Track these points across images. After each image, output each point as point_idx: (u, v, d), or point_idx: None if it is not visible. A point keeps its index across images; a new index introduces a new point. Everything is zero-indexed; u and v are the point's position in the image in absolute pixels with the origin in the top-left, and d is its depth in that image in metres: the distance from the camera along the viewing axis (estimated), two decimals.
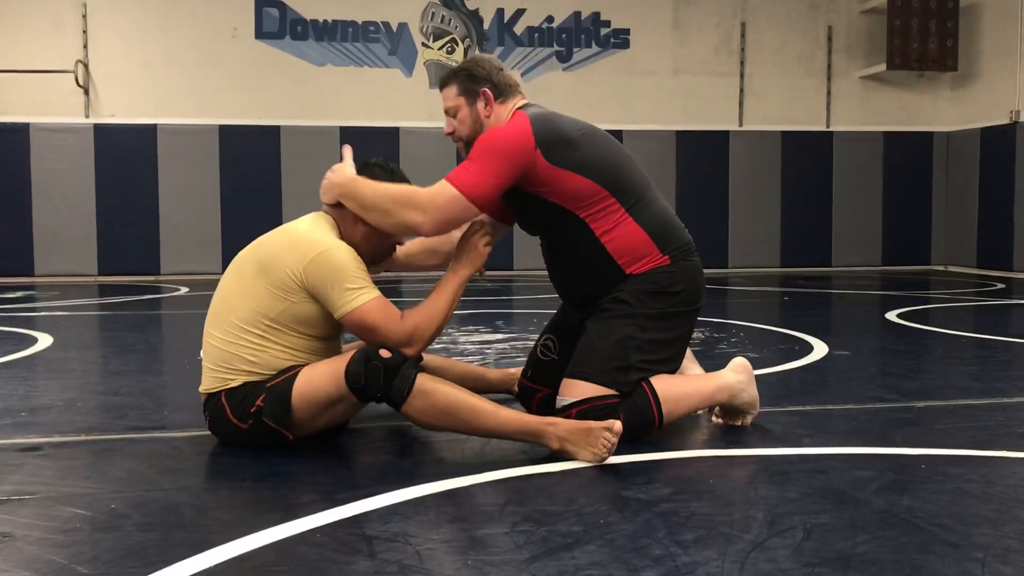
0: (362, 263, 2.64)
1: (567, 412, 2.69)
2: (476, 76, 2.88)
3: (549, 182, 2.74)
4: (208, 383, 2.68)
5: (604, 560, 1.82)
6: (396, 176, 2.79)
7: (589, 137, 2.82)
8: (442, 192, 2.67)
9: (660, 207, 2.88)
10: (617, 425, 2.48)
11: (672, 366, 2.87)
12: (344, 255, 2.60)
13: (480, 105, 2.87)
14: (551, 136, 2.74)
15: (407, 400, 2.50)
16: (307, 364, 2.63)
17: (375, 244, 2.78)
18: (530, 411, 2.97)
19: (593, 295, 2.86)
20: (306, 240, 2.63)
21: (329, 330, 2.69)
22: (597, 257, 2.79)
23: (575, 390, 2.72)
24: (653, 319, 2.78)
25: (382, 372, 2.48)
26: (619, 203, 2.78)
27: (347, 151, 2.86)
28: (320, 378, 2.55)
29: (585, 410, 2.67)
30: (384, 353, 2.51)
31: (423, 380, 2.52)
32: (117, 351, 4.84)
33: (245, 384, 2.61)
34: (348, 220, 2.74)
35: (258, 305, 2.62)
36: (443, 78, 2.97)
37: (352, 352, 2.56)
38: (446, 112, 2.95)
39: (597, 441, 2.47)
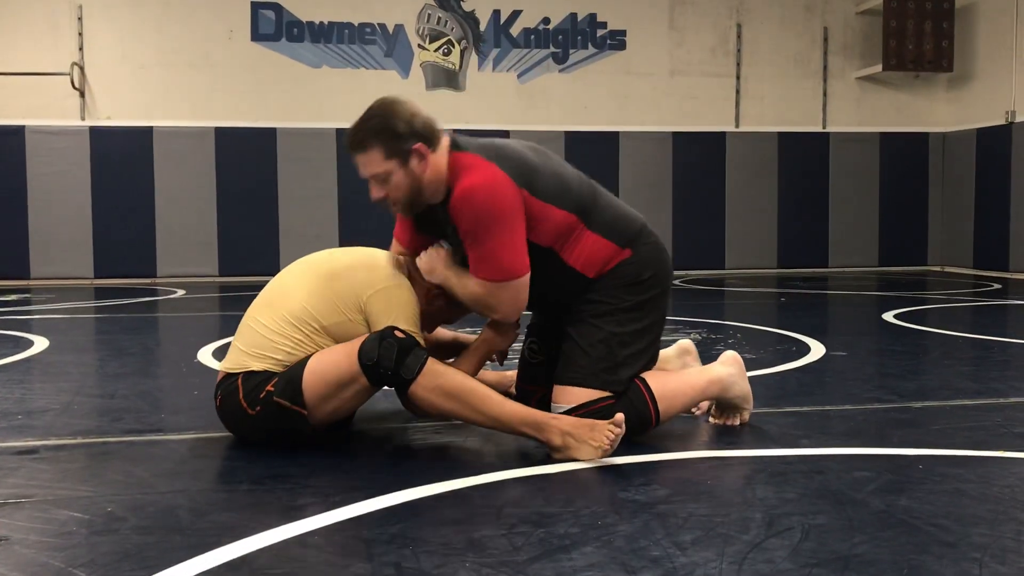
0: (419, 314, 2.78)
1: None
2: (400, 134, 2.60)
3: (536, 218, 2.68)
4: (232, 363, 2.71)
5: (602, 562, 1.82)
6: None
7: (533, 154, 2.78)
8: (493, 288, 2.67)
9: (609, 205, 2.84)
10: (620, 417, 2.49)
11: (655, 349, 2.87)
12: (412, 299, 2.74)
13: (414, 163, 2.63)
14: (520, 170, 2.67)
15: (416, 379, 2.54)
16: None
17: (434, 322, 2.95)
18: None
19: (563, 303, 2.85)
20: (386, 270, 2.75)
21: None
22: (565, 275, 2.78)
23: (569, 396, 2.72)
24: (630, 311, 2.78)
25: (395, 349, 2.54)
26: (582, 222, 2.76)
27: (445, 249, 2.92)
28: (333, 356, 2.60)
29: (583, 415, 2.67)
30: (398, 333, 2.57)
31: (434, 362, 2.58)
32: (113, 354, 4.83)
33: (265, 371, 2.65)
34: (425, 291, 2.84)
35: (315, 308, 2.68)
36: (355, 140, 2.63)
37: (366, 335, 2.61)
38: (371, 178, 2.65)
39: (600, 435, 2.48)
